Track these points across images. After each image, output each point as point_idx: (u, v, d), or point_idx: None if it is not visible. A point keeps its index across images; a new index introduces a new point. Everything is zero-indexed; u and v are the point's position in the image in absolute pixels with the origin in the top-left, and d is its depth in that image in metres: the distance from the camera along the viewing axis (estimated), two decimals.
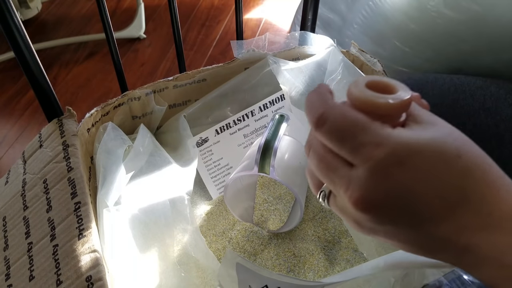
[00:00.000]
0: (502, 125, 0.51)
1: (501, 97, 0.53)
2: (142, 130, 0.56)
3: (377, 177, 0.24)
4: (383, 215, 0.25)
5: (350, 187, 0.25)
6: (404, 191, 0.24)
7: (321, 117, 0.25)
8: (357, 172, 0.25)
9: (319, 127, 0.26)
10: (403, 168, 0.24)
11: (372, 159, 0.24)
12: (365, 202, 0.24)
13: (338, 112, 0.25)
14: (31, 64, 0.47)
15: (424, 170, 0.24)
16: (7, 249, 0.44)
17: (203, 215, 0.55)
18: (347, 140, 0.25)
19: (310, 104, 0.27)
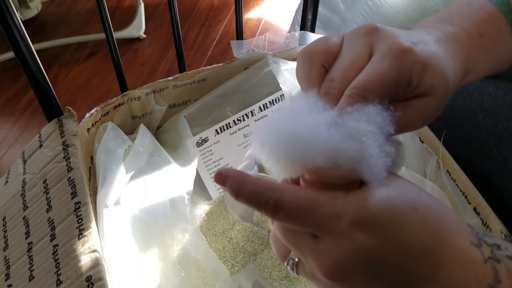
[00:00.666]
0: (500, 125, 0.51)
1: (499, 97, 0.53)
2: (142, 130, 0.56)
3: (344, 246, 0.25)
4: (354, 280, 0.25)
5: (318, 257, 0.26)
6: (370, 255, 0.25)
7: (275, 204, 0.25)
8: (323, 242, 0.26)
9: (275, 215, 0.26)
10: (366, 233, 0.25)
11: (334, 230, 0.25)
12: (335, 271, 0.25)
13: (291, 195, 0.25)
14: (31, 64, 0.47)
15: (385, 231, 0.25)
16: (7, 249, 0.44)
17: (203, 215, 0.55)
18: (307, 220, 0.25)
19: (253, 193, 0.26)
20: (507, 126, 0.51)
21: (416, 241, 0.25)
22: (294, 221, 0.26)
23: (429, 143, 0.51)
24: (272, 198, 0.25)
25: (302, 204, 0.25)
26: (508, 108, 0.52)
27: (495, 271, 0.25)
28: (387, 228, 0.25)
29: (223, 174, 0.26)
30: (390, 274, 0.25)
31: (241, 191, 0.26)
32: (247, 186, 0.26)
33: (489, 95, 0.54)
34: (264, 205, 0.26)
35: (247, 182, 0.26)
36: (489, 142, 0.52)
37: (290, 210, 0.25)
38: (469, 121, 0.54)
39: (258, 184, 0.26)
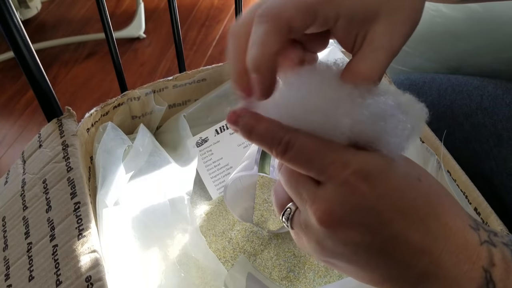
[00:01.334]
0: (499, 125, 0.51)
1: (499, 96, 0.53)
2: (142, 130, 0.56)
3: (343, 193, 0.25)
4: (346, 231, 0.25)
5: (316, 202, 0.25)
6: (368, 208, 0.25)
7: (287, 143, 0.25)
8: (324, 188, 0.25)
9: (286, 154, 0.26)
10: (368, 185, 0.24)
11: (339, 177, 0.25)
12: (330, 216, 0.25)
13: (303, 138, 0.26)
14: (31, 64, 0.47)
15: (387, 188, 0.25)
16: (6, 249, 0.44)
17: (203, 215, 0.55)
18: (315, 163, 0.25)
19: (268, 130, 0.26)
20: (506, 126, 0.51)
21: (413, 207, 0.25)
22: (302, 162, 0.26)
23: (430, 143, 0.51)
24: (286, 137, 0.26)
25: (312, 147, 0.25)
26: (508, 108, 0.52)
27: (490, 254, 0.25)
28: (388, 187, 0.25)
29: (237, 112, 0.27)
30: (381, 232, 0.25)
31: (255, 129, 0.26)
32: (261, 124, 0.26)
33: (489, 94, 0.54)
34: (276, 143, 0.26)
35: (262, 120, 0.26)
36: (488, 142, 0.52)
37: (300, 151, 0.25)
38: (468, 121, 0.54)
39: (272, 123, 0.26)
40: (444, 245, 0.25)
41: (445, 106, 0.57)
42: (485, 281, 0.24)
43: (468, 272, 0.25)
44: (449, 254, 0.25)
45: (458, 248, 0.25)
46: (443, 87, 0.59)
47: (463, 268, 0.25)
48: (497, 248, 0.25)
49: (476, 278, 0.24)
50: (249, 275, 0.40)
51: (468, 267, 0.25)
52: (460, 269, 0.25)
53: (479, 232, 0.26)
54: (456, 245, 0.25)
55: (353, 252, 0.25)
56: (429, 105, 0.30)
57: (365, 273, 0.27)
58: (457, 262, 0.25)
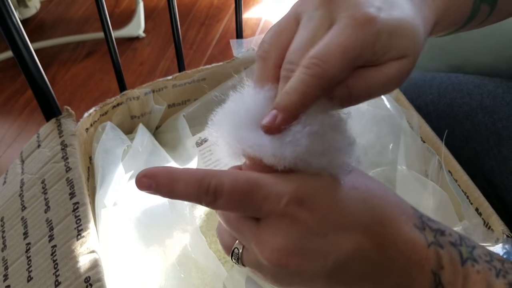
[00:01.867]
0: (499, 123, 0.51)
1: (499, 95, 0.53)
2: (141, 130, 0.55)
3: (284, 226, 0.24)
4: (297, 262, 0.24)
5: (260, 241, 0.25)
6: (311, 233, 0.24)
7: (214, 191, 0.24)
8: (264, 225, 0.25)
9: (216, 202, 0.24)
10: (306, 211, 0.24)
11: (275, 211, 0.24)
12: (278, 253, 0.24)
13: (229, 179, 0.24)
14: (30, 63, 0.47)
15: (324, 209, 0.24)
16: (5, 250, 0.44)
17: (202, 215, 0.55)
18: (248, 203, 0.25)
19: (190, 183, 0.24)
20: (506, 125, 0.51)
21: (356, 217, 0.25)
22: (235, 206, 0.25)
23: (431, 143, 0.51)
24: (212, 183, 0.24)
25: (241, 187, 0.24)
26: (508, 107, 0.51)
27: (438, 256, 0.25)
28: (325, 207, 0.24)
29: (149, 174, 0.24)
30: (330, 254, 0.24)
31: (175, 186, 0.24)
32: (181, 178, 0.24)
33: (489, 93, 0.54)
34: (204, 193, 0.24)
35: (180, 175, 0.24)
36: (488, 141, 0.52)
37: (230, 195, 0.24)
38: (468, 120, 0.54)
39: (192, 174, 0.25)
40: (392, 252, 0.25)
41: (445, 105, 0.57)
42: (435, 284, 0.24)
43: (417, 277, 0.24)
44: (397, 261, 0.24)
45: (407, 252, 0.25)
46: (443, 85, 0.59)
47: (413, 274, 0.24)
48: (444, 250, 0.25)
49: (426, 282, 0.24)
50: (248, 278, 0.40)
51: (417, 271, 0.24)
52: (410, 275, 0.24)
53: (425, 232, 0.25)
54: (404, 250, 0.25)
55: (309, 279, 0.25)
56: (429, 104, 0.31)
57: None
58: (407, 268, 0.24)
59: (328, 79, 0.25)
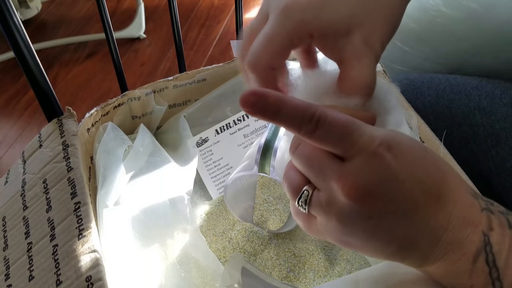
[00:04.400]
0: (497, 125, 0.52)
1: (496, 97, 0.53)
2: (142, 130, 0.56)
3: (371, 165, 0.25)
4: (373, 203, 0.26)
5: (342, 177, 0.26)
6: (392, 177, 0.26)
7: (318, 119, 0.25)
8: (351, 163, 0.26)
9: (317, 130, 0.26)
10: (392, 155, 0.26)
11: (368, 149, 0.26)
12: (359, 190, 0.25)
13: (332, 112, 0.26)
14: (31, 64, 0.47)
15: (407, 158, 0.26)
16: (6, 249, 0.44)
17: (203, 215, 0.55)
18: (345, 138, 0.26)
19: (297, 107, 0.26)
20: (504, 126, 0.51)
21: (428, 175, 0.26)
22: (332, 138, 0.26)
23: (430, 143, 0.51)
24: (317, 111, 0.25)
25: (342, 121, 0.26)
26: (506, 108, 0.52)
27: (489, 220, 0.27)
28: (407, 156, 0.26)
29: (258, 93, 0.25)
30: (404, 199, 0.26)
31: (283, 106, 0.25)
32: (289, 100, 0.25)
33: (487, 95, 0.54)
34: (308, 119, 0.25)
35: (288, 98, 0.26)
36: (486, 142, 0.52)
37: (332, 126, 0.25)
38: (466, 121, 0.54)
39: (298, 100, 0.26)
40: (453, 210, 0.26)
41: (444, 106, 0.57)
42: (484, 244, 0.26)
43: (470, 236, 0.26)
44: (456, 218, 0.26)
45: (464, 212, 0.26)
46: (442, 87, 0.59)
47: (467, 232, 0.26)
48: (495, 215, 0.27)
49: (476, 241, 0.26)
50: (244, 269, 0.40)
51: (470, 230, 0.26)
52: (464, 233, 0.26)
53: (478, 200, 0.28)
54: (463, 210, 0.26)
55: (375, 224, 0.26)
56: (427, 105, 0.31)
57: (382, 246, 0.27)
58: (462, 226, 0.26)
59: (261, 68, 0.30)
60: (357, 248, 0.28)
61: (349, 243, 0.28)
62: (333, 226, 0.27)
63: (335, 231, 0.27)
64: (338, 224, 0.27)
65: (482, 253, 0.26)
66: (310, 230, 0.30)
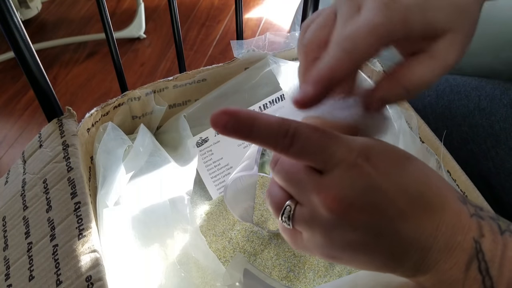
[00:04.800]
0: (497, 125, 0.52)
1: (496, 97, 0.53)
2: (142, 130, 0.56)
3: (351, 176, 0.25)
4: (356, 215, 0.25)
5: (323, 190, 0.25)
6: (374, 187, 0.25)
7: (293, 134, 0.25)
8: (330, 175, 0.25)
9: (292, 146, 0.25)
10: (372, 165, 0.25)
11: (346, 161, 0.25)
12: (340, 202, 0.25)
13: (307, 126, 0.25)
14: (31, 64, 0.47)
15: (388, 166, 0.26)
16: (6, 249, 0.44)
17: (203, 215, 0.55)
18: (323, 151, 0.25)
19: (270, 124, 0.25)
20: (504, 126, 0.51)
21: (412, 182, 0.26)
22: (309, 152, 0.25)
23: (430, 143, 0.51)
24: (291, 127, 0.25)
25: (318, 136, 0.25)
26: (505, 109, 0.52)
27: (479, 226, 0.26)
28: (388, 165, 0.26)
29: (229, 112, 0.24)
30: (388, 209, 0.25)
31: (256, 125, 0.24)
32: (262, 118, 0.25)
33: (487, 95, 0.54)
34: (283, 136, 0.25)
35: (260, 114, 0.25)
36: (486, 143, 0.52)
37: (308, 140, 0.25)
38: (466, 122, 0.54)
39: (271, 116, 0.25)
40: (441, 217, 0.26)
41: (443, 106, 0.57)
42: (475, 251, 0.25)
43: (461, 243, 0.26)
44: (445, 225, 0.26)
45: (453, 219, 0.26)
46: (441, 87, 0.59)
47: (457, 239, 0.26)
48: (485, 221, 0.26)
49: (468, 249, 0.25)
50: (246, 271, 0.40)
51: (460, 238, 0.26)
52: (454, 240, 0.26)
53: (467, 206, 0.27)
54: (451, 217, 0.26)
55: (361, 237, 0.26)
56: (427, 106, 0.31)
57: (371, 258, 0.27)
58: (452, 234, 0.26)
59: (357, 55, 0.27)
60: (345, 262, 0.28)
61: (336, 257, 0.27)
62: (318, 241, 0.27)
63: (321, 245, 0.27)
64: (323, 239, 0.26)
65: (475, 261, 0.25)
66: (297, 246, 0.29)
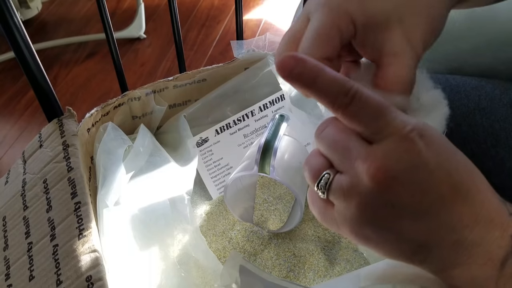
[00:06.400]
0: (497, 125, 0.52)
1: (496, 97, 0.53)
2: (142, 130, 0.56)
3: (401, 149, 0.24)
4: (398, 190, 0.24)
5: (369, 158, 0.25)
6: (422, 165, 0.24)
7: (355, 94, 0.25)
8: (380, 145, 0.25)
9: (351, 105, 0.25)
10: (424, 143, 0.25)
11: (399, 133, 0.25)
12: (385, 173, 0.24)
13: (368, 92, 0.25)
14: (31, 64, 0.47)
15: (439, 148, 0.25)
16: (7, 249, 0.44)
17: (203, 215, 0.55)
18: (379, 117, 0.25)
19: (335, 79, 0.25)
20: (504, 126, 0.51)
21: (457, 170, 0.25)
22: (365, 116, 0.25)
23: None
24: (354, 87, 0.25)
25: (377, 101, 0.25)
26: (505, 108, 0.52)
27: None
28: (440, 147, 0.25)
29: (296, 57, 0.24)
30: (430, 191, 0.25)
31: (320, 76, 0.24)
32: (328, 71, 0.25)
33: (486, 95, 0.54)
34: (344, 93, 0.24)
35: (326, 68, 0.25)
36: (486, 143, 0.52)
37: (366, 104, 0.25)
38: (466, 121, 0.54)
39: (336, 73, 0.25)
40: (480, 210, 0.25)
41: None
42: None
43: (497, 240, 0.25)
44: (484, 220, 0.25)
45: (491, 214, 0.25)
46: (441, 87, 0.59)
47: (494, 235, 0.25)
48: None
49: (504, 246, 0.25)
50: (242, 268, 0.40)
51: (498, 234, 0.25)
52: (491, 236, 0.25)
53: (506, 205, 0.26)
54: (490, 212, 0.25)
55: (397, 215, 0.25)
56: None
57: (400, 244, 0.26)
58: (490, 229, 0.25)
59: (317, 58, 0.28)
60: (372, 243, 0.27)
61: (365, 236, 0.26)
62: (351, 213, 0.26)
63: (352, 219, 0.26)
64: (357, 210, 0.26)
65: (511, 259, 0.25)
66: (326, 220, 0.29)
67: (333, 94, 0.25)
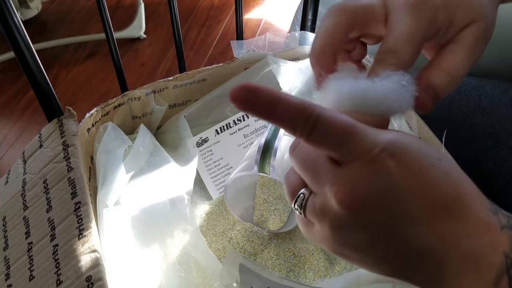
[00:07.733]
0: (497, 125, 0.52)
1: (496, 97, 0.53)
2: (142, 130, 0.56)
3: (369, 172, 0.24)
4: (368, 213, 0.24)
5: (337, 182, 0.24)
6: (393, 187, 0.24)
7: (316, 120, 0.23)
8: (347, 168, 0.24)
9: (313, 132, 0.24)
10: (395, 163, 0.24)
11: (367, 155, 0.24)
12: (353, 198, 0.24)
13: (331, 115, 0.24)
14: (31, 64, 0.47)
15: (412, 168, 0.24)
16: (7, 249, 0.44)
17: (203, 215, 0.55)
18: (344, 142, 0.24)
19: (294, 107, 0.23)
20: (504, 126, 0.51)
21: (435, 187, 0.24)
22: (329, 141, 0.24)
23: (430, 143, 0.51)
24: (314, 113, 0.23)
25: (341, 124, 0.24)
26: (505, 108, 0.52)
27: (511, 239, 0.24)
28: (413, 166, 0.24)
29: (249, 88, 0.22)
30: (404, 213, 0.24)
31: (277, 105, 0.23)
32: (284, 98, 0.23)
33: (487, 95, 0.54)
34: (304, 120, 0.23)
35: (282, 95, 0.23)
36: (486, 143, 0.52)
37: (329, 128, 0.24)
38: (466, 122, 0.54)
39: (294, 98, 0.23)
40: (464, 227, 0.24)
41: (444, 106, 0.57)
42: (506, 267, 0.23)
43: (488, 257, 0.24)
44: (469, 237, 0.24)
45: (479, 231, 0.24)
46: None
47: (483, 252, 0.24)
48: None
49: (496, 263, 0.24)
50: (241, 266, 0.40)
51: (488, 251, 0.24)
52: (480, 254, 0.24)
53: (498, 216, 0.25)
54: (477, 228, 0.24)
55: (372, 238, 0.24)
56: None
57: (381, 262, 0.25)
58: (477, 246, 0.24)
59: (401, 66, 0.29)
60: (354, 262, 0.26)
61: (345, 254, 0.26)
62: (327, 235, 0.26)
63: (329, 240, 0.26)
64: (331, 234, 0.25)
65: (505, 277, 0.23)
66: (308, 235, 0.28)
67: (292, 123, 0.24)
